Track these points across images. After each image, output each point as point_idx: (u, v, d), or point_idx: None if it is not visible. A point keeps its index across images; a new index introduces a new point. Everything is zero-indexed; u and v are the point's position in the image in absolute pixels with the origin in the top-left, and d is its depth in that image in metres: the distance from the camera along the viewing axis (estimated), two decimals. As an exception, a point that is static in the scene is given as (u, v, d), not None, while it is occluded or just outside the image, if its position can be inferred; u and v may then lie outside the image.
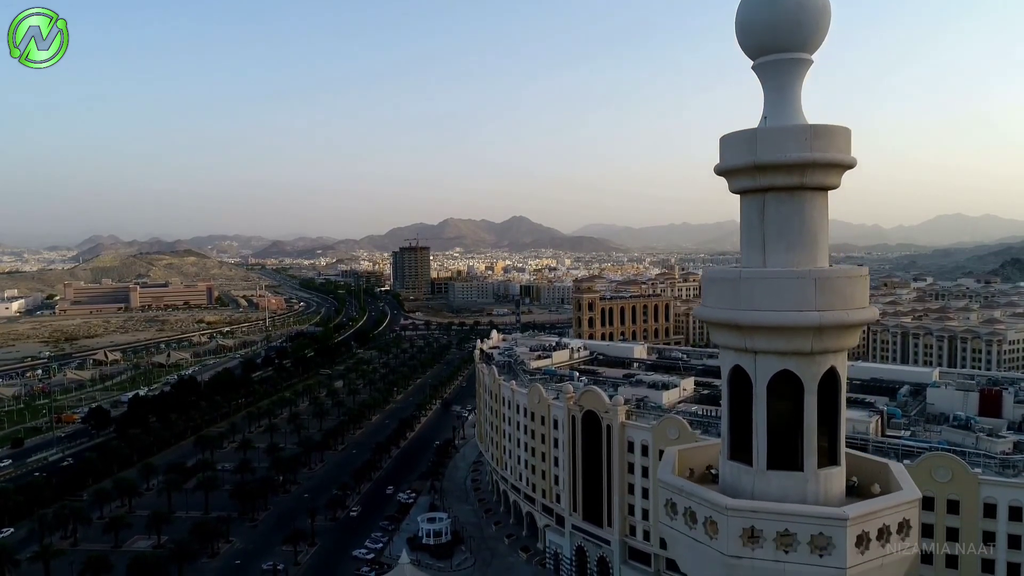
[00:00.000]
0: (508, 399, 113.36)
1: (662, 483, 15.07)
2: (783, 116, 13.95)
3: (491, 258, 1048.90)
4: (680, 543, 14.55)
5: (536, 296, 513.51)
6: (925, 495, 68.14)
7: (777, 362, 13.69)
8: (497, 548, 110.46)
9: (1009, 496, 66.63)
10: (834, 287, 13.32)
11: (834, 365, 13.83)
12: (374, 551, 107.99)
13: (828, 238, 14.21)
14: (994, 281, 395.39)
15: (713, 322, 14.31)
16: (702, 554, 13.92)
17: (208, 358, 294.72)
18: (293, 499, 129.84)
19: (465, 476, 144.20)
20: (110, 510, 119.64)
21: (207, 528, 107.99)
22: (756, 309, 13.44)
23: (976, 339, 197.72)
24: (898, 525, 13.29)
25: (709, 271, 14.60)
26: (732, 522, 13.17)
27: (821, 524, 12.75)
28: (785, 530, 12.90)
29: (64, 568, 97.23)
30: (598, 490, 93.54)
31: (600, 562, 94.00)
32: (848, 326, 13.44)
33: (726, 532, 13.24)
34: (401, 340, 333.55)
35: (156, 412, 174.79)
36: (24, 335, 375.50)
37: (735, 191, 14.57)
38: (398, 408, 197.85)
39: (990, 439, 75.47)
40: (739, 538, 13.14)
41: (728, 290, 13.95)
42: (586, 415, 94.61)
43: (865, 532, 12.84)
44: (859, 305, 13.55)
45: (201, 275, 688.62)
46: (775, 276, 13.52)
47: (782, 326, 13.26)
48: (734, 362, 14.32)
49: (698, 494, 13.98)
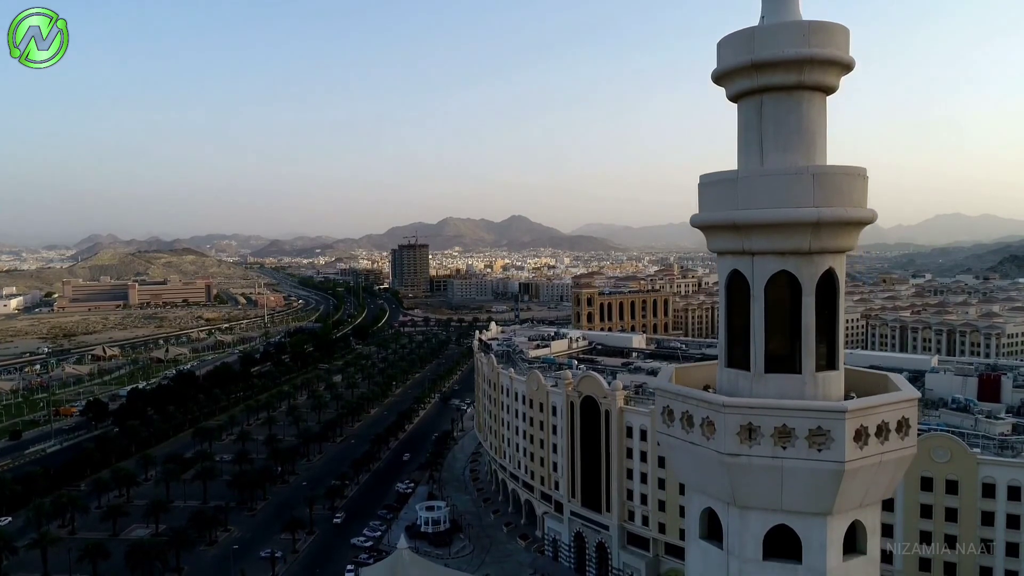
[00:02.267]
0: (507, 387, 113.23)
1: (659, 390, 14.97)
2: (781, 15, 13.81)
3: (490, 257, 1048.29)
4: (677, 449, 14.44)
5: (535, 293, 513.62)
6: (923, 475, 68.36)
7: (775, 263, 13.56)
8: (496, 536, 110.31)
9: (1008, 476, 66.61)
10: (832, 183, 13.20)
11: (832, 267, 13.70)
12: (372, 539, 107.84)
13: (826, 143, 14.09)
14: (993, 277, 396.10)
15: (711, 225, 14.17)
16: (699, 457, 13.80)
17: (206, 353, 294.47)
18: (292, 489, 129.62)
19: (464, 467, 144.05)
20: (108, 500, 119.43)
21: (205, 517, 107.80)
22: (754, 207, 13.32)
23: (975, 332, 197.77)
24: (897, 423, 13.18)
25: (704, 176, 14.43)
26: (730, 419, 13.05)
27: (819, 418, 12.64)
28: (783, 425, 12.79)
29: (62, 555, 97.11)
30: (597, 476, 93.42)
31: (599, 547, 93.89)
32: (846, 223, 13.31)
33: (723, 430, 13.12)
34: (400, 336, 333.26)
35: (154, 405, 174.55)
36: (22, 331, 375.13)
37: (732, 96, 14.43)
38: (397, 402, 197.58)
39: (989, 421, 75.46)
40: (736, 436, 13.02)
41: (725, 191, 13.82)
42: (585, 401, 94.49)
43: (864, 427, 12.72)
44: (858, 204, 13.43)
45: (200, 273, 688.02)
46: (773, 173, 13.40)
47: (780, 223, 13.12)
48: (732, 267, 14.19)
49: (696, 396, 13.88)
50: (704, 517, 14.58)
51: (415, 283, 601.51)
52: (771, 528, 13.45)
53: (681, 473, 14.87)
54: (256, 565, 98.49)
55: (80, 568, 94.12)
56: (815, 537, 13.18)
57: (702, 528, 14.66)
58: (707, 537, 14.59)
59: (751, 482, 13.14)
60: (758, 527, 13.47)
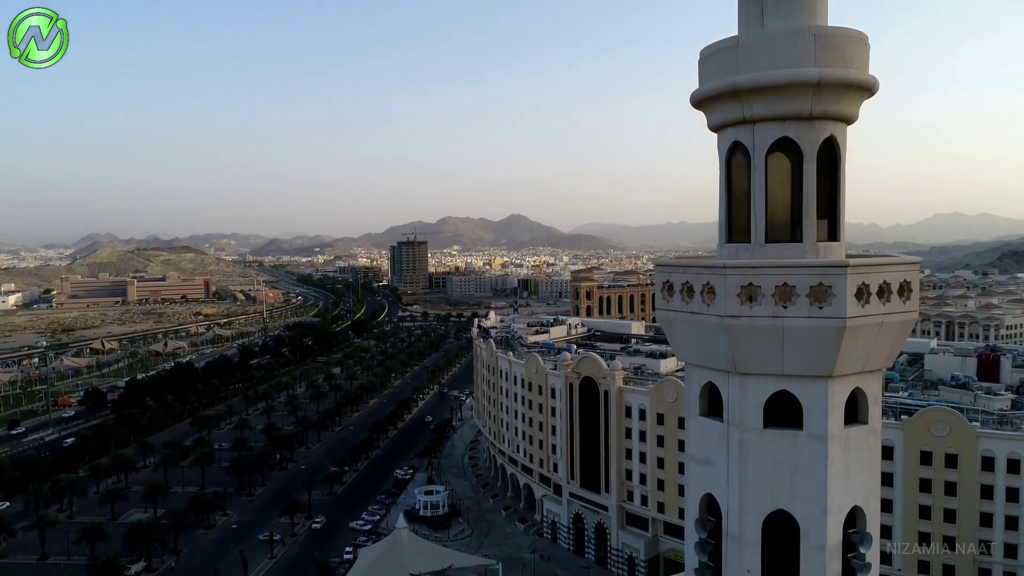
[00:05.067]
0: (505, 371, 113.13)
1: (660, 265, 14.82)
2: None
3: (489, 256, 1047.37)
4: (677, 323, 14.29)
5: (534, 289, 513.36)
6: (922, 450, 68.22)
7: (776, 129, 13.40)
8: (495, 520, 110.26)
9: (1007, 449, 66.54)
10: (834, 44, 13.04)
11: (834, 134, 13.54)
12: (371, 522, 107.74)
13: (827, 10, 13.93)
14: (991, 273, 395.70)
15: (710, 95, 13.97)
16: (700, 327, 13.66)
17: (205, 347, 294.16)
18: (290, 476, 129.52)
19: (462, 455, 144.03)
20: (106, 485, 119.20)
21: (204, 500, 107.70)
22: (755, 71, 13.18)
23: (973, 324, 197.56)
24: (899, 286, 13.05)
25: (705, 48, 14.29)
26: (730, 280, 12.91)
27: (821, 274, 12.50)
28: (784, 284, 12.64)
29: (60, 537, 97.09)
30: (596, 457, 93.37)
31: (598, 528, 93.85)
32: (848, 85, 13.13)
33: (723, 293, 12.98)
34: (399, 330, 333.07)
35: (153, 395, 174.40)
36: (20, 327, 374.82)
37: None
38: (395, 392, 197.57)
39: (988, 397, 75.42)
40: (736, 297, 12.88)
41: (726, 59, 13.66)
42: (584, 382, 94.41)
43: (865, 284, 12.58)
44: (859, 68, 13.29)
45: (198, 271, 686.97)
46: (773, 35, 13.25)
47: (781, 83, 12.95)
48: (732, 139, 14.03)
49: (696, 263, 13.76)
50: (704, 393, 14.44)
51: (414, 280, 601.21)
52: (772, 396, 13.33)
53: (681, 348, 14.72)
54: (255, 548, 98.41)
55: (78, 550, 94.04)
56: (816, 402, 13.04)
57: (702, 405, 14.53)
58: (707, 414, 14.47)
59: (751, 346, 13.00)
60: (759, 394, 13.33)
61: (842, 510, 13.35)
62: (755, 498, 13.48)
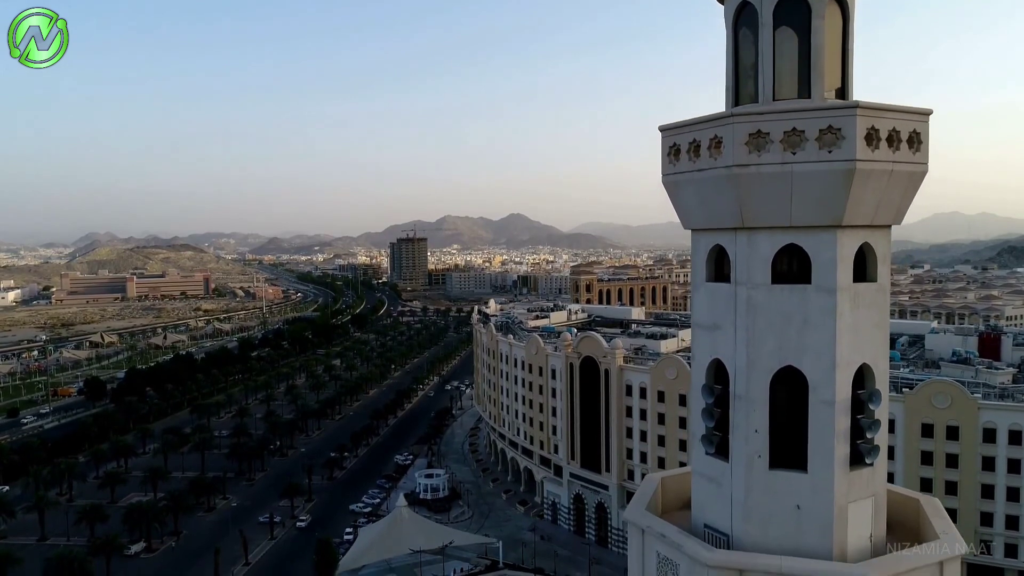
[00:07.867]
0: (506, 354, 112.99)
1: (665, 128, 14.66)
2: None
3: (488, 254, 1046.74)
4: (683, 185, 14.18)
5: (534, 286, 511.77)
6: (924, 422, 68.07)
7: (783, -13, 13.30)
8: (495, 503, 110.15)
9: (1009, 420, 66.46)
10: None
11: (841, -6, 13.45)
12: (371, 505, 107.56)
13: None
14: (991, 268, 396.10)
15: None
16: (707, 185, 13.56)
17: (204, 341, 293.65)
18: (290, 462, 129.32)
19: (462, 442, 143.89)
20: (106, 470, 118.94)
21: (204, 483, 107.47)
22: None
23: (973, 315, 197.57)
24: (909, 135, 12.95)
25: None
26: (738, 128, 12.80)
27: (830, 116, 12.41)
28: (792, 128, 12.54)
29: (59, 519, 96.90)
30: (596, 436, 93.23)
31: (598, 508, 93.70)
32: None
33: (731, 143, 12.87)
34: (399, 324, 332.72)
35: (153, 384, 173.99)
36: (20, 322, 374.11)
37: None
38: (395, 383, 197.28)
39: (989, 371, 75.31)
40: (744, 145, 12.77)
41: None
42: (584, 362, 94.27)
43: (875, 129, 12.48)
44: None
45: (198, 269, 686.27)
46: None
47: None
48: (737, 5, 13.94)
49: (702, 117, 13.61)
50: (712, 258, 14.33)
51: (413, 276, 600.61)
52: (780, 251, 13.21)
53: (688, 214, 14.58)
54: (255, 529, 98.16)
55: (77, 531, 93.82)
56: (825, 254, 12.94)
57: (709, 271, 14.42)
58: (714, 279, 14.36)
59: (760, 196, 12.89)
60: (767, 249, 13.23)
61: (851, 366, 13.25)
62: (763, 355, 13.37)
